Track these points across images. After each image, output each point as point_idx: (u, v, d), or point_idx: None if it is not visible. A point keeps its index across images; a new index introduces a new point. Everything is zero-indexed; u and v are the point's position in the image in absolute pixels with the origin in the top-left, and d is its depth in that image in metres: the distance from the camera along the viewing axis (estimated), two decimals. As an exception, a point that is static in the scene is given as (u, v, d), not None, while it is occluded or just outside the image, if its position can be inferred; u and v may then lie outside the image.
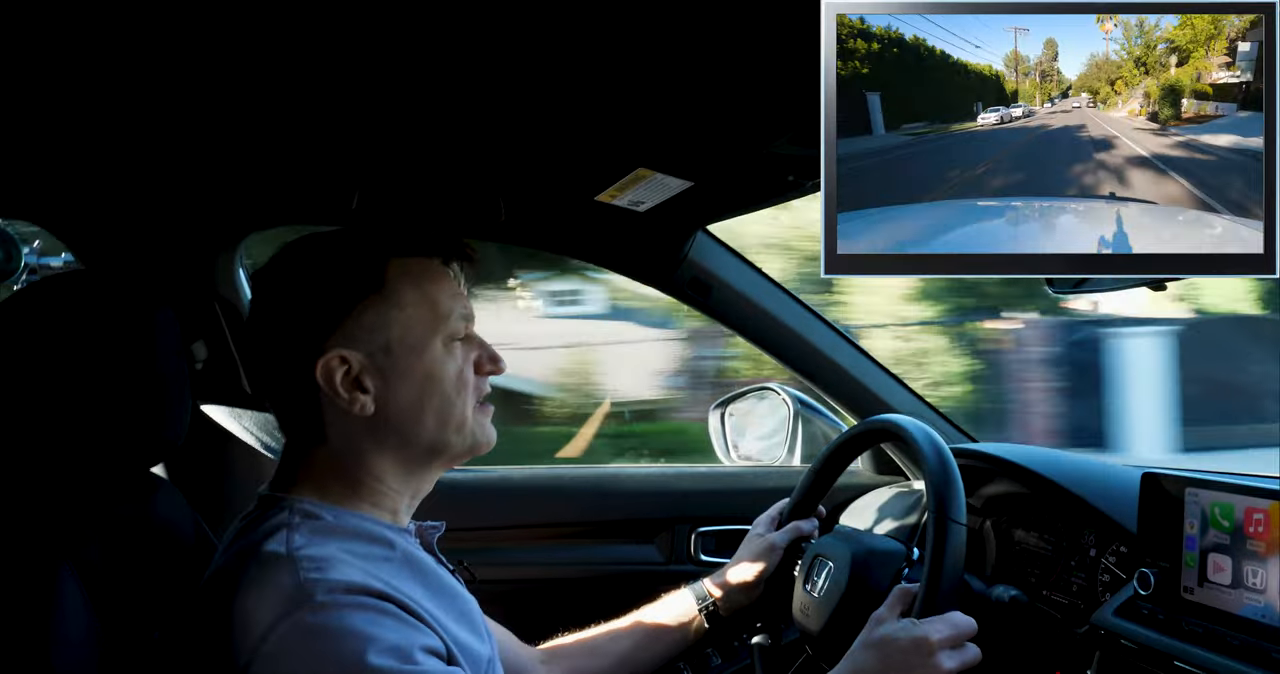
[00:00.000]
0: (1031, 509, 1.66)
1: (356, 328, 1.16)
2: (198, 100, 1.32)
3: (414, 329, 1.19)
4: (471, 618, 1.21)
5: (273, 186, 1.74)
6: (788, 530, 1.64)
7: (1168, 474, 1.28)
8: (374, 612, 1.03)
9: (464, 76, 1.20)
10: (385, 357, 1.17)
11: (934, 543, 1.28)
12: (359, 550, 1.12)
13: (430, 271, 1.22)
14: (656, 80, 1.16)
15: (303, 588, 1.02)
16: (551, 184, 1.65)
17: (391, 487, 1.21)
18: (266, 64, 1.19)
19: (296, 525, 1.11)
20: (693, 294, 2.03)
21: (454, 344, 1.22)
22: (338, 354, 1.15)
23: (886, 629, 1.26)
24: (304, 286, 1.18)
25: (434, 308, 1.20)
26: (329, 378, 1.15)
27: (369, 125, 1.44)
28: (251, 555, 1.08)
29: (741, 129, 1.28)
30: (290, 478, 1.20)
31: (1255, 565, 1.15)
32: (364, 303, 1.17)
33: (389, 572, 1.11)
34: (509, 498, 2.04)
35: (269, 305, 1.20)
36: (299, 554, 1.06)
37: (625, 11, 0.97)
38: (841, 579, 1.43)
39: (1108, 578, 1.46)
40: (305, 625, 1.00)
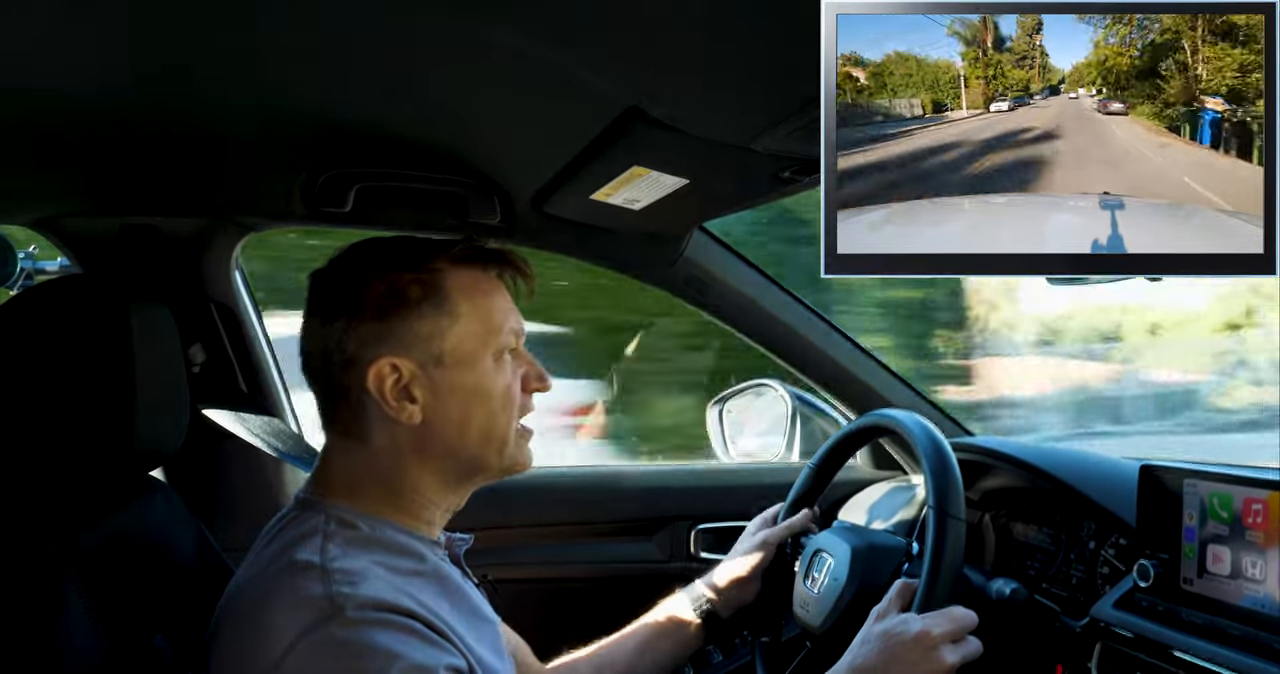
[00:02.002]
0: (1030, 502, 1.67)
1: (410, 336, 1.16)
2: (188, 97, 1.32)
3: (466, 342, 1.18)
4: (494, 639, 1.21)
5: (267, 186, 1.74)
6: (783, 526, 1.64)
7: (1166, 466, 1.28)
8: (402, 630, 1.03)
9: (457, 72, 1.20)
10: (436, 368, 1.17)
11: (933, 537, 1.28)
12: (391, 563, 1.11)
13: (485, 284, 1.22)
14: (650, 73, 1.16)
15: (334, 600, 1.02)
16: (548, 183, 1.65)
17: (429, 498, 1.21)
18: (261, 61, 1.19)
19: (332, 534, 1.11)
20: (690, 291, 2.03)
21: (504, 359, 1.22)
22: (390, 361, 1.15)
23: (887, 624, 1.26)
24: (361, 291, 1.17)
25: (487, 321, 1.20)
26: (379, 385, 1.15)
27: (360, 122, 1.44)
28: (285, 562, 1.08)
29: (734, 125, 1.28)
30: (327, 481, 1.19)
31: (1254, 556, 1.15)
32: (419, 311, 1.17)
33: (418, 586, 1.11)
34: (508, 497, 2.04)
35: (324, 306, 1.19)
36: (333, 566, 1.06)
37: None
38: (841, 574, 1.43)
39: (1107, 570, 1.46)
40: (333, 639, 1.00)
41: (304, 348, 1.21)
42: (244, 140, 1.52)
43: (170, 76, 1.23)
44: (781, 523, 1.65)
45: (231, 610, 1.10)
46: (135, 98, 1.32)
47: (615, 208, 1.69)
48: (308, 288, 1.22)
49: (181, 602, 1.25)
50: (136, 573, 1.18)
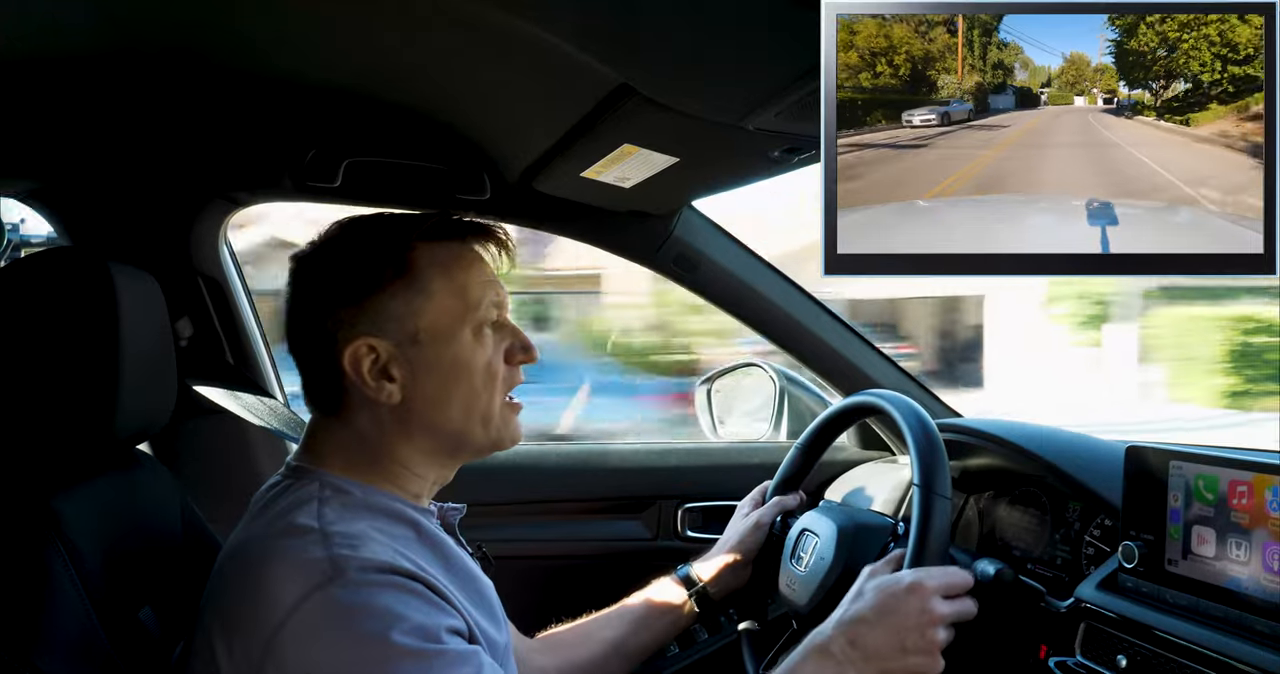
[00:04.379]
0: (1016, 483, 1.67)
1: (384, 316, 1.16)
2: (177, 72, 1.31)
3: (442, 318, 1.18)
4: (490, 605, 1.21)
5: (257, 160, 1.73)
6: (772, 505, 1.65)
7: (1152, 447, 1.29)
8: (403, 591, 1.03)
9: (446, 47, 1.20)
10: (413, 346, 1.16)
11: (919, 517, 1.29)
12: (388, 529, 1.12)
13: (460, 257, 1.21)
14: (641, 51, 1.16)
15: (335, 562, 1.02)
16: (538, 160, 1.64)
17: (415, 472, 1.21)
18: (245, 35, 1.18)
19: (327, 499, 1.12)
20: (678, 270, 2.03)
21: (484, 333, 1.21)
22: (366, 342, 1.15)
23: (880, 579, 1.27)
24: (332, 271, 1.18)
25: (463, 295, 1.19)
26: (356, 365, 1.15)
27: (350, 97, 1.43)
28: (281, 526, 1.09)
29: (724, 104, 1.27)
30: (317, 450, 1.20)
31: (1238, 537, 1.16)
32: (390, 290, 1.16)
33: (415, 551, 1.11)
34: (495, 475, 2.05)
35: (300, 287, 1.20)
36: (330, 529, 1.06)
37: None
38: (828, 554, 1.44)
39: (1092, 551, 1.47)
40: (334, 601, 1.00)
41: (287, 328, 1.22)
42: (234, 114, 1.51)
43: (162, 48, 1.22)
44: (771, 502, 1.66)
45: (229, 575, 1.10)
46: (125, 70, 1.31)
47: (605, 185, 1.69)
48: (289, 270, 1.21)
49: (168, 575, 1.25)
50: (122, 546, 1.18)
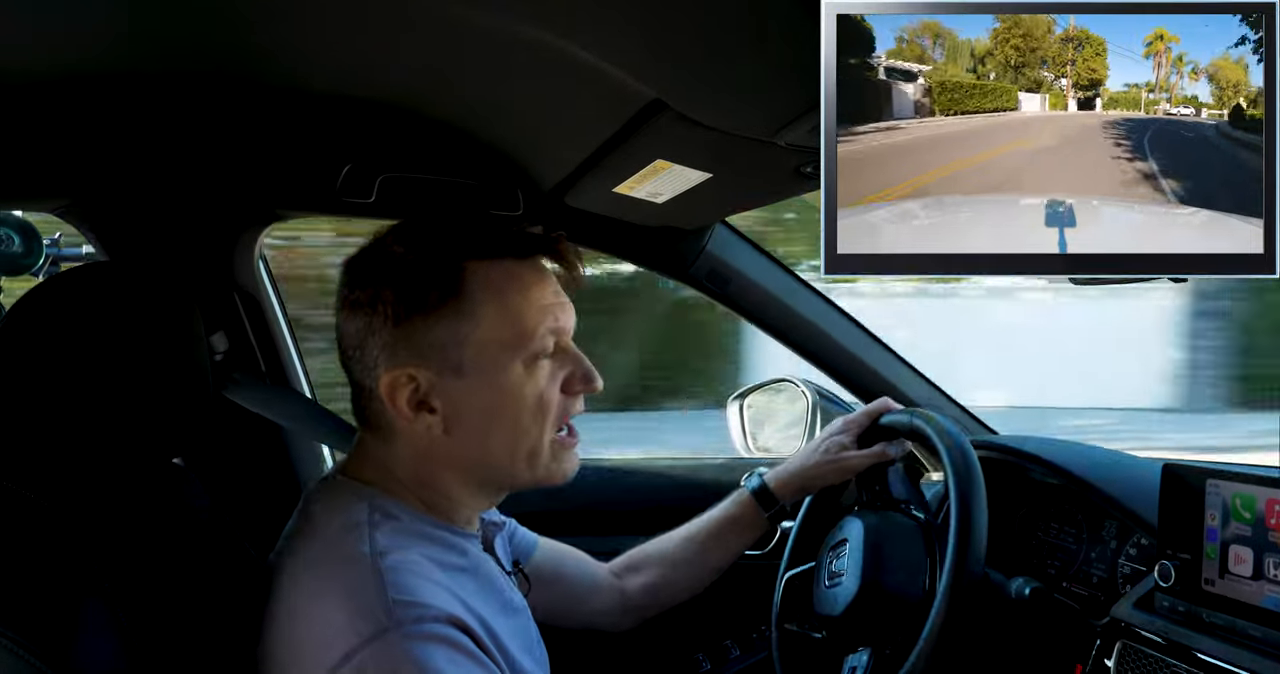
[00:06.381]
0: (1052, 501, 1.66)
1: (427, 342, 1.08)
2: (215, 89, 1.33)
3: (489, 348, 1.09)
4: (525, 634, 1.19)
5: (293, 176, 1.75)
6: (871, 454, 1.57)
7: (1189, 465, 1.27)
8: (454, 649, 0.99)
9: (481, 64, 1.20)
10: (456, 378, 1.09)
11: (956, 537, 1.28)
12: (438, 557, 1.08)
13: (516, 278, 1.11)
14: (673, 67, 1.16)
15: (391, 613, 0.97)
16: (570, 175, 1.65)
17: (459, 502, 1.17)
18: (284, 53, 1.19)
19: (377, 523, 1.07)
20: (711, 285, 2.03)
21: (539, 363, 1.12)
22: (406, 371, 1.08)
23: None
24: (377, 292, 1.09)
25: (516, 323, 1.10)
26: (393, 395, 1.09)
27: (386, 112, 1.44)
28: (333, 552, 1.05)
29: (755, 120, 1.28)
30: (360, 468, 1.16)
31: (1277, 557, 1.15)
32: (436, 314, 1.08)
33: (461, 583, 1.08)
34: None
35: (349, 301, 1.13)
36: (384, 564, 1.02)
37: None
38: (858, 560, 1.43)
39: (1128, 570, 1.45)
40: (390, 654, 0.96)
41: (337, 338, 1.16)
42: (272, 130, 1.53)
43: (200, 65, 1.23)
44: (873, 449, 1.58)
45: (284, 600, 1.06)
46: (163, 87, 1.32)
47: (637, 201, 1.69)
48: (340, 278, 1.15)
49: (202, 589, 1.26)
50: (154, 554, 1.19)
